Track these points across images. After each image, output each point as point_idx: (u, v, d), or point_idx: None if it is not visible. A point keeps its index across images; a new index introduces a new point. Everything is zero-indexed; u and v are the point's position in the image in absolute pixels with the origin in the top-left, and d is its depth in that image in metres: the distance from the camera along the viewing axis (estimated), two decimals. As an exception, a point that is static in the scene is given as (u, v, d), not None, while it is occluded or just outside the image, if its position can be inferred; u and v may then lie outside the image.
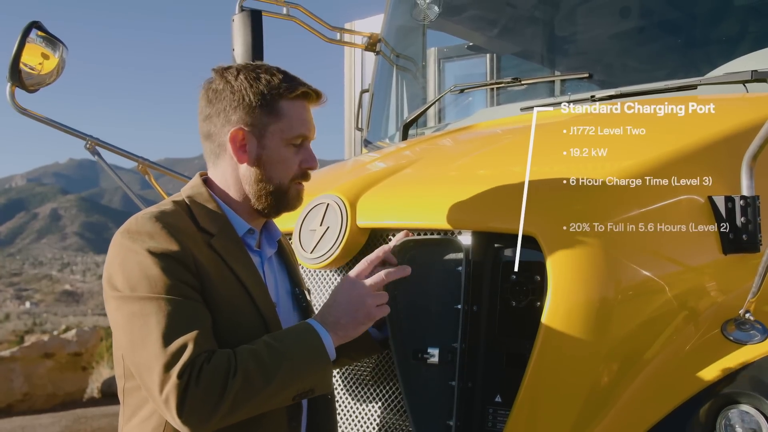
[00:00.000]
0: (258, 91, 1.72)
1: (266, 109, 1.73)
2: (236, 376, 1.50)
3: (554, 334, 1.73)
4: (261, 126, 1.73)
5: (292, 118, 1.74)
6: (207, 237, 1.68)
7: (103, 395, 10.18)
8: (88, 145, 3.15)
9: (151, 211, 1.67)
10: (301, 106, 1.77)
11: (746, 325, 1.82)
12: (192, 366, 1.47)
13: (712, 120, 2.23)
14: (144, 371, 1.51)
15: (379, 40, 4.04)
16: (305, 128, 1.77)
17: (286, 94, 1.73)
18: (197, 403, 1.47)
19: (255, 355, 1.55)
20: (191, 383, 1.46)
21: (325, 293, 2.21)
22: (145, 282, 1.55)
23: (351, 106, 5.39)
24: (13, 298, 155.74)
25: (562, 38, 3.61)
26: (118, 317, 1.58)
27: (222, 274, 1.65)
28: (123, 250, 1.61)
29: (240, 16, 3.40)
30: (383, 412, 2.01)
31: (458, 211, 1.92)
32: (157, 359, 1.48)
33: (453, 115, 3.67)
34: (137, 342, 1.52)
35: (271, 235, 1.88)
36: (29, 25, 2.80)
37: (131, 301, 1.55)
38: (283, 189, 1.77)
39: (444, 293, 1.89)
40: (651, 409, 1.73)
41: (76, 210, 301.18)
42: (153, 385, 1.49)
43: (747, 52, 2.71)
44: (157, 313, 1.52)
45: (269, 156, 1.74)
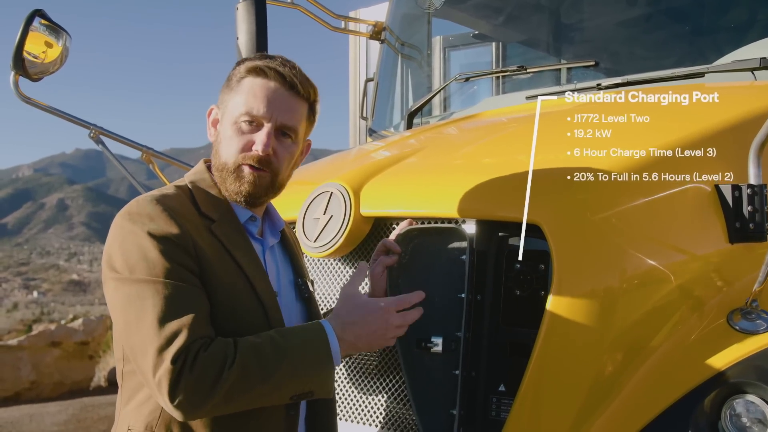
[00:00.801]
0: (233, 72, 1.75)
1: (230, 87, 1.74)
2: (233, 367, 1.49)
3: (558, 323, 1.72)
4: (224, 103, 1.75)
5: (243, 95, 1.71)
6: (208, 222, 1.67)
7: (110, 384, 10.23)
8: (92, 134, 3.14)
9: (152, 194, 1.66)
10: (257, 84, 1.71)
11: (752, 314, 1.81)
12: (187, 352, 1.46)
13: (719, 108, 2.21)
14: (138, 354, 1.51)
15: (383, 28, 4.02)
16: (253, 106, 1.69)
17: (243, 71, 1.72)
18: (190, 390, 1.46)
19: (256, 349, 1.54)
20: (185, 369, 1.45)
21: (328, 282, 2.20)
22: (143, 264, 1.54)
23: (356, 95, 5.37)
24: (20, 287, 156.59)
25: (568, 26, 3.59)
26: (115, 299, 1.57)
27: (222, 260, 1.63)
28: (123, 232, 1.60)
29: (244, 5, 3.38)
30: (387, 400, 2.01)
31: (462, 199, 1.91)
32: (151, 342, 1.47)
33: (458, 103, 3.66)
34: (132, 324, 1.52)
35: (274, 224, 1.87)
36: (32, 13, 2.78)
37: (129, 283, 1.54)
38: (227, 167, 1.72)
39: (448, 282, 1.89)
40: (655, 399, 1.72)
41: (82, 200, 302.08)
42: (147, 368, 1.48)
43: (755, 39, 2.69)
44: (154, 296, 1.51)
45: (222, 132, 1.74)
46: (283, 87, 1.72)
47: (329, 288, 2.20)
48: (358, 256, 2.15)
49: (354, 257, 2.16)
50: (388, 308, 1.72)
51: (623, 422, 1.71)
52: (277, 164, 1.73)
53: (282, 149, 1.73)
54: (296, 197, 2.18)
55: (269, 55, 1.76)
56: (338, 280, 2.19)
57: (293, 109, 1.74)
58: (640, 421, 1.71)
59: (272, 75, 1.71)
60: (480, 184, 1.93)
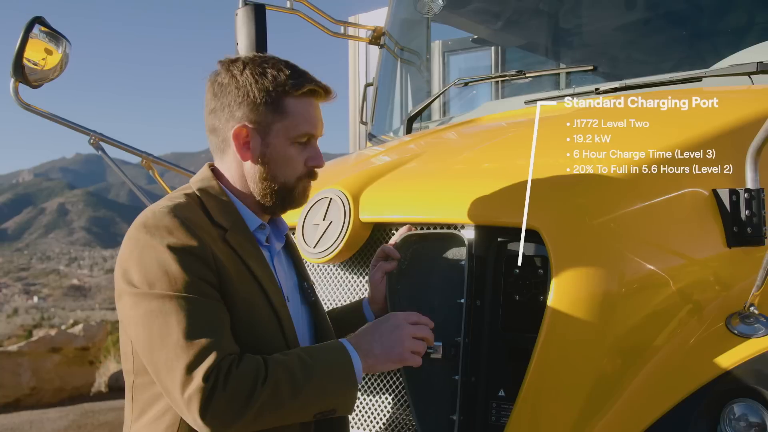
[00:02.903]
0: (263, 87, 1.67)
1: (271, 107, 1.68)
2: (266, 384, 1.48)
3: (558, 327, 1.73)
4: (265, 124, 1.69)
5: (298, 116, 1.70)
6: (221, 232, 1.64)
7: (111, 389, 10.21)
8: (91, 140, 3.14)
9: (166, 204, 1.63)
10: (308, 103, 1.72)
11: (751, 318, 1.81)
12: (218, 369, 1.45)
13: (717, 113, 2.22)
14: (163, 371, 1.49)
15: (383, 33, 4.03)
16: (311, 126, 1.72)
17: (293, 91, 1.68)
18: (222, 407, 1.45)
19: (286, 367, 1.53)
20: (218, 387, 1.44)
21: (328, 288, 2.21)
22: (164, 279, 1.51)
23: (355, 99, 5.38)
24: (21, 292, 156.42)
25: (567, 31, 3.60)
26: (134, 314, 1.54)
27: (238, 271, 1.62)
28: (140, 245, 1.56)
29: (243, 10, 3.39)
30: (387, 406, 2.02)
31: (461, 205, 1.91)
32: (178, 360, 1.46)
33: (457, 108, 3.67)
34: (156, 341, 1.49)
35: (279, 229, 1.85)
36: (32, 20, 2.79)
37: (149, 298, 1.51)
38: (288, 187, 1.73)
39: (447, 287, 1.89)
40: (655, 403, 1.73)
41: (83, 205, 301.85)
42: (173, 386, 1.46)
43: (752, 43, 2.70)
44: (178, 312, 1.49)
45: (273, 154, 1.70)
46: (320, 100, 1.76)
47: (328, 294, 2.20)
48: (357, 261, 2.15)
49: (353, 263, 2.16)
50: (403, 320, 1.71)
51: (622, 427, 1.71)
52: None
53: None
54: (296, 203, 2.18)
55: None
56: (337, 286, 2.20)
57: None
58: (639, 425, 1.71)
59: (320, 94, 1.75)
60: (479, 189, 1.93)
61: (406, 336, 1.69)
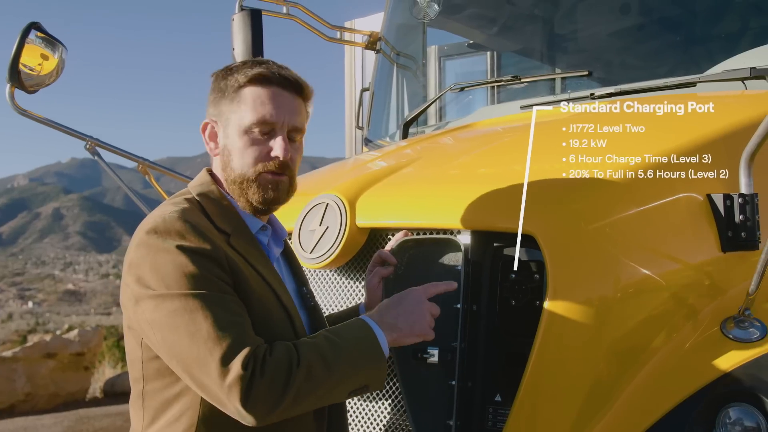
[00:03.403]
0: (225, 83, 1.72)
1: (229, 98, 1.71)
2: (300, 366, 1.50)
3: (554, 332, 1.73)
4: (224, 115, 1.73)
5: (249, 104, 1.70)
6: (225, 236, 1.65)
7: (106, 395, 10.19)
8: (88, 145, 3.15)
9: (173, 209, 1.63)
10: (261, 91, 1.70)
11: (745, 323, 1.82)
12: (255, 357, 1.47)
13: (711, 118, 2.23)
14: (195, 367, 1.49)
15: (379, 38, 4.04)
16: (264, 113, 1.69)
17: (243, 80, 1.70)
18: (264, 393, 1.46)
19: (317, 348, 1.55)
20: (256, 374, 1.46)
21: (324, 292, 2.21)
22: (183, 280, 1.52)
23: (351, 104, 5.39)
24: (15, 297, 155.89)
25: (562, 36, 3.61)
26: (157, 316, 1.53)
27: (249, 273, 1.63)
28: (152, 250, 1.56)
29: (240, 16, 3.40)
30: (384, 411, 2.02)
31: (457, 210, 1.92)
32: (211, 353, 1.46)
33: (453, 113, 3.67)
34: (184, 338, 1.49)
35: (278, 234, 1.85)
36: (28, 26, 2.79)
37: (172, 298, 1.52)
38: (246, 178, 1.71)
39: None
40: (651, 407, 1.73)
41: (78, 209, 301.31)
42: (209, 380, 1.47)
43: (746, 49, 2.71)
44: (203, 308, 1.50)
45: (230, 145, 1.72)
46: (287, 90, 1.73)
47: (325, 298, 2.20)
48: (353, 266, 2.16)
49: (350, 268, 2.17)
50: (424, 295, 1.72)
51: (618, 431, 1.71)
52: (293, 167, 1.76)
53: (294, 151, 1.75)
54: (292, 208, 2.18)
55: (258, 60, 1.76)
56: (334, 291, 2.20)
57: (298, 110, 1.75)
58: (635, 429, 1.72)
59: (275, 79, 1.72)
60: (475, 194, 1.94)
61: (427, 311, 1.70)
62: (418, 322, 1.68)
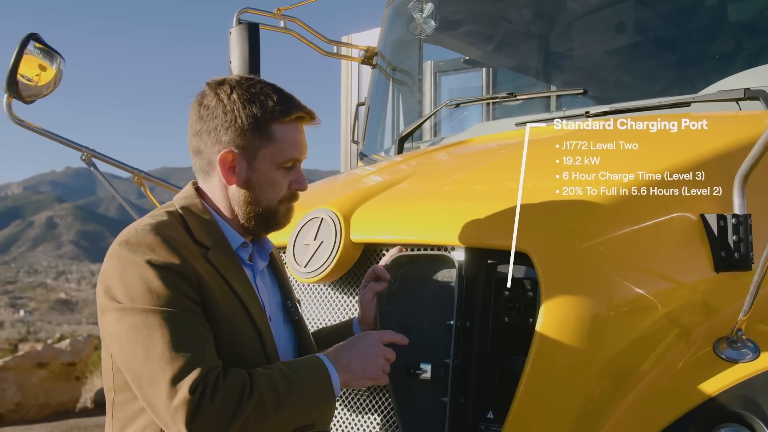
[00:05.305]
0: (251, 113, 1.68)
1: (258, 133, 1.69)
2: (251, 397, 1.50)
3: (547, 350, 1.73)
4: (252, 149, 1.70)
5: (285, 142, 1.72)
6: (203, 250, 1.66)
7: (97, 405, 10.11)
8: (84, 156, 3.15)
9: (149, 222, 1.64)
10: (294, 129, 1.74)
11: (738, 343, 1.82)
12: (205, 381, 1.46)
13: (705, 137, 2.24)
14: (146, 384, 1.49)
15: (375, 53, 4.06)
16: (297, 152, 1.75)
17: (280, 118, 1.70)
18: (210, 420, 1.46)
19: (270, 381, 1.55)
20: (205, 399, 1.45)
21: (318, 307, 2.21)
22: (147, 295, 1.52)
23: (347, 118, 5.41)
24: (7, 306, 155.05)
25: (558, 54, 3.63)
26: (117, 329, 1.55)
27: (220, 289, 1.63)
28: (122, 263, 1.58)
29: (237, 29, 3.42)
30: (376, 427, 2.01)
31: (451, 227, 1.92)
32: (162, 372, 1.46)
33: (448, 129, 3.68)
34: (139, 354, 1.50)
35: (263, 247, 1.86)
36: (27, 36, 2.80)
37: (133, 313, 1.52)
38: (271, 210, 1.75)
39: (437, 309, 1.90)
40: (643, 427, 1.73)
41: (72, 218, 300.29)
42: (157, 399, 1.47)
43: (740, 69, 2.74)
44: (161, 326, 1.50)
45: (259, 179, 1.72)
46: (306, 124, 1.79)
47: (318, 313, 2.20)
48: (347, 282, 2.16)
49: (344, 283, 2.16)
50: (378, 339, 1.76)
51: (611, 450, 1.71)
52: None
53: None
54: (287, 222, 2.19)
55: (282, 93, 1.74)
56: (327, 305, 2.20)
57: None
58: (627, 449, 1.72)
59: (304, 117, 1.76)
60: (469, 211, 1.94)
61: (380, 355, 1.73)
62: (371, 366, 1.71)
